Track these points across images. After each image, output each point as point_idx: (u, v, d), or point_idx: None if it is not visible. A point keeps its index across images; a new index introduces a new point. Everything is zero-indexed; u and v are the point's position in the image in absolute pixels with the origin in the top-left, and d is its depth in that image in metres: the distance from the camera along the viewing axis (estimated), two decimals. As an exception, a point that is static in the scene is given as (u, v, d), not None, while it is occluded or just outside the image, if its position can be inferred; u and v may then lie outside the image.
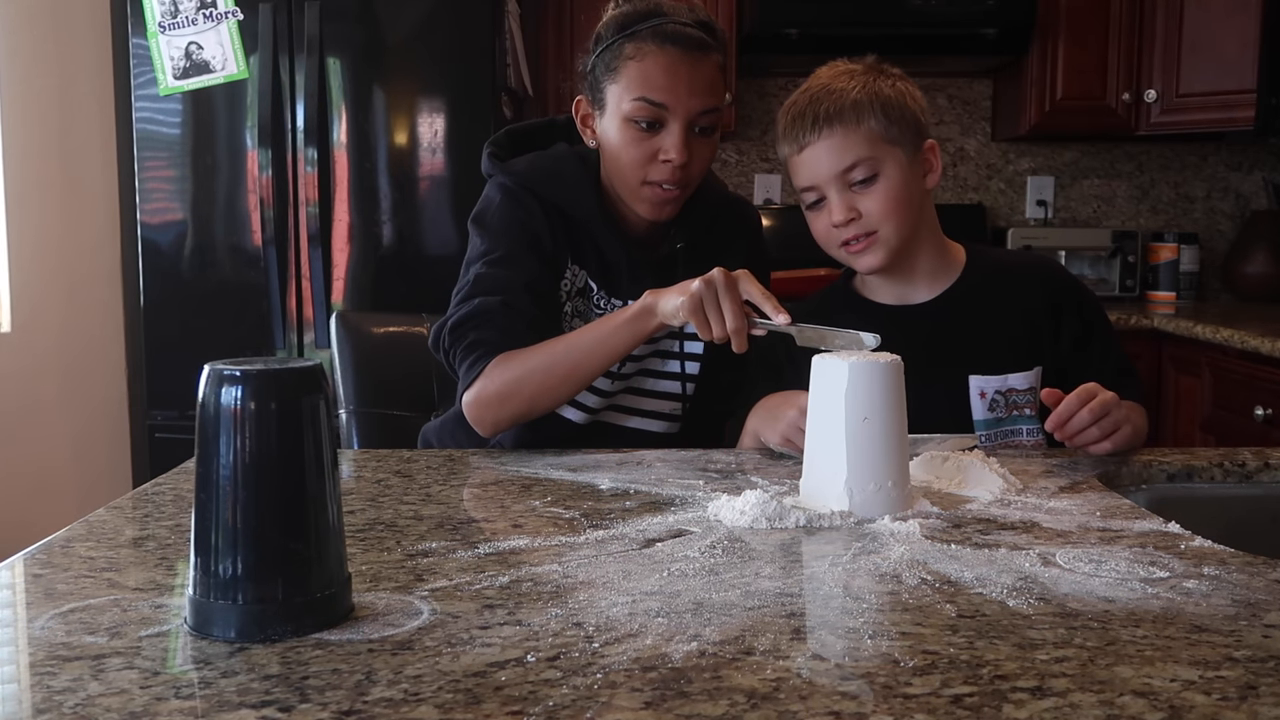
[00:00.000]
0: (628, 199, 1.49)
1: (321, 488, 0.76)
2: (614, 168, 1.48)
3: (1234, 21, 3.16)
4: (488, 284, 1.46)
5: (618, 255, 1.52)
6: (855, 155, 1.41)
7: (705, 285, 1.26)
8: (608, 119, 1.46)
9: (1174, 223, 3.72)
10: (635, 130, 1.43)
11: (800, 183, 1.46)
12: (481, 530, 1.01)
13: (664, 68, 1.42)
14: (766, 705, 0.63)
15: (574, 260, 1.52)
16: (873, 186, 1.42)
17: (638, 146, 1.44)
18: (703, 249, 1.55)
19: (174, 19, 2.91)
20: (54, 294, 3.22)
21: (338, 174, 2.97)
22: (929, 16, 3.20)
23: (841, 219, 1.42)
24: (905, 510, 1.07)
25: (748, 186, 3.69)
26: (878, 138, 1.41)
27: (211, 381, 0.74)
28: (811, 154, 1.42)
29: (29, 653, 0.72)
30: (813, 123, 1.41)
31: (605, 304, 1.52)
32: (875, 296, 1.53)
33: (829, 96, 1.42)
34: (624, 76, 1.43)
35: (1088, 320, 1.52)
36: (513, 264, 1.47)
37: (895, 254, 1.45)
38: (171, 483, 1.21)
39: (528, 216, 1.50)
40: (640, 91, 1.42)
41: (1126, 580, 0.86)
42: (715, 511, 1.05)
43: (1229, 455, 1.34)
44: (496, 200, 1.52)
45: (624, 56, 1.43)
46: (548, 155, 1.55)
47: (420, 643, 0.73)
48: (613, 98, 1.45)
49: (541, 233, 1.50)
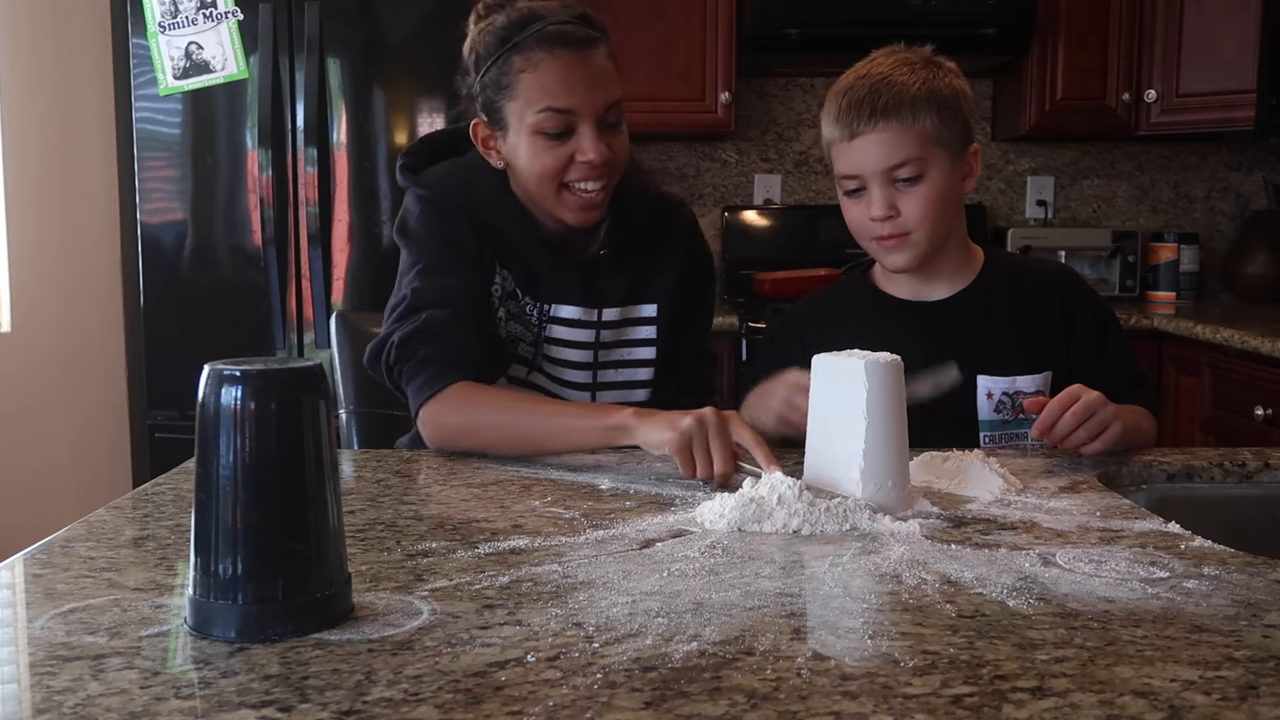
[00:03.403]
0: (551, 209, 1.45)
1: (321, 488, 0.76)
2: (530, 182, 1.43)
3: (1234, 21, 3.16)
4: (428, 296, 1.42)
5: (537, 259, 1.49)
6: (906, 153, 1.39)
7: (696, 424, 1.17)
8: (513, 137, 1.42)
9: (1174, 223, 3.72)
10: (545, 141, 1.39)
11: (843, 170, 1.44)
12: (481, 530, 1.01)
13: (560, 73, 1.38)
14: (766, 705, 0.63)
15: (501, 264, 1.48)
16: (915, 187, 1.41)
17: (551, 155, 1.39)
18: (632, 251, 1.52)
19: (174, 19, 2.90)
20: (54, 294, 3.22)
21: (338, 174, 2.97)
22: (929, 16, 3.20)
23: (881, 214, 1.41)
24: (905, 510, 1.07)
25: (748, 186, 3.69)
26: (930, 138, 1.40)
27: (211, 381, 0.74)
28: (862, 145, 1.40)
29: (29, 653, 0.72)
30: (870, 114, 1.39)
31: (532, 309, 1.49)
32: (892, 290, 1.53)
33: (889, 88, 1.39)
34: (521, 91, 1.39)
35: (1101, 330, 1.52)
36: (445, 271, 1.43)
37: (925, 257, 1.45)
38: (171, 483, 1.21)
39: (450, 223, 1.46)
40: (543, 102, 1.38)
41: (1126, 580, 0.86)
42: (699, 514, 1.05)
43: (1229, 455, 1.34)
44: (416, 211, 1.48)
45: (514, 70, 1.39)
46: (461, 163, 1.51)
47: (420, 643, 0.73)
48: (514, 114, 1.40)
49: (466, 238, 1.46)
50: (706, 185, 3.69)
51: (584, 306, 1.50)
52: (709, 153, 3.68)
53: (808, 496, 1.03)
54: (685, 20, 3.28)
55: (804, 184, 3.70)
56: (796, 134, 3.68)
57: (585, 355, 1.51)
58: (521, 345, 1.49)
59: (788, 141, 3.69)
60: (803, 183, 3.70)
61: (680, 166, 3.68)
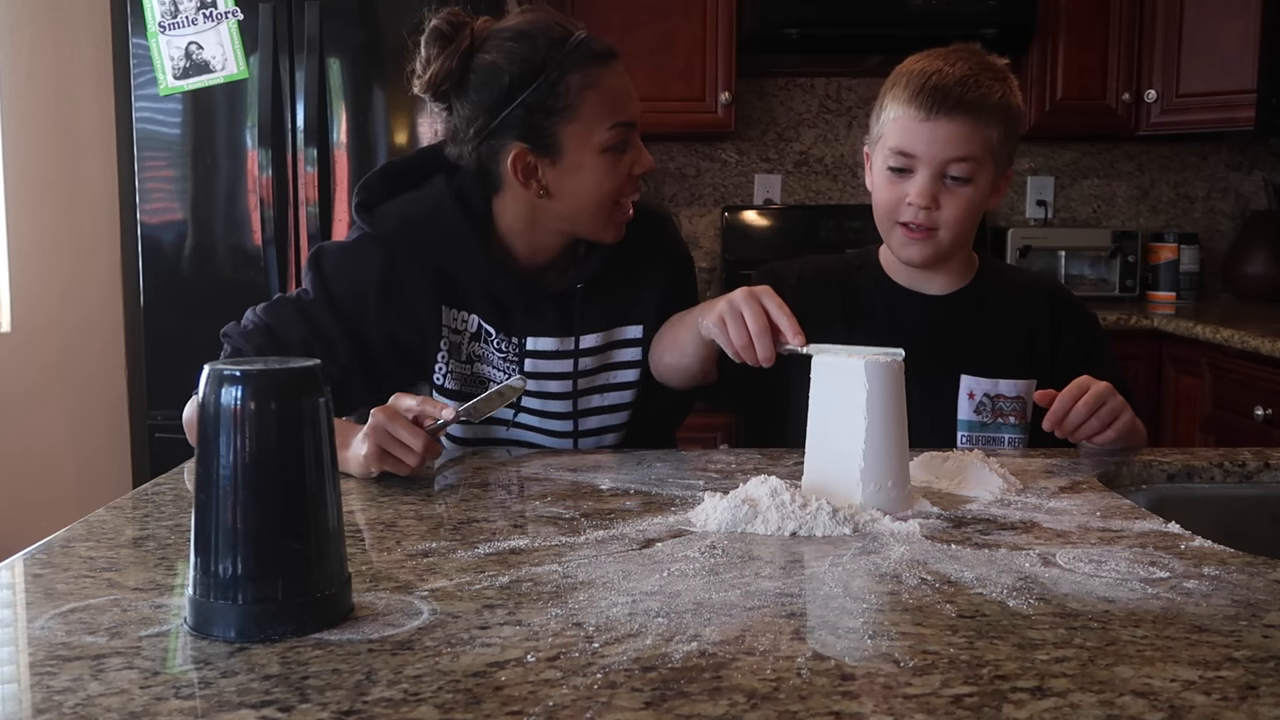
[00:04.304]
0: (595, 232, 1.41)
1: (321, 488, 0.76)
2: (588, 204, 1.38)
3: (1234, 22, 3.16)
4: (278, 314, 1.41)
5: (509, 295, 1.43)
6: (968, 151, 1.39)
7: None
8: (571, 159, 1.35)
9: (1174, 223, 3.72)
10: (613, 158, 1.36)
11: (901, 145, 1.41)
12: (481, 530, 1.01)
13: (619, 85, 1.36)
14: (766, 705, 0.63)
15: (457, 307, 1.43)
16: (961, 188, 1.41)
17: (616, 173, 1.36)
18: (612, 275, 1.47)
19: (174, 19, 2.90)
20: (54, 294, 3.22)
21: (338, 174, 2.97)
22: (929, 16, 3.20)
23: (922, 203, 1.40)
24: (905, 510, 1.07)
25: (748, 186, 3.69)
26: (990, 147, 1.40)
27: (211, 381, 0.74)
28: (932, 128, 1.39)
29: (29, 653, 0.72)
30: (954, 103, 1.38)
31: (505, 344, 1.44)
32: (893, 274, 1.53)
33: (976, 86, 1.39)
34: (586, 110, 1.33)
35: (1089, 343, 1.54)
36: (314, 316, 1.40)
37: (941, 257, 1.46)
38: (171, 483, 1.21)
39: (367, 281, 1.40)
40: (614, 118, 1.34)
41: (1126, 580, 0.86)
42: (693, 515, 1.05)
43: (1229, 455, 1.34)
44: (338, 255, 1.43)
45: (573, 90, 1.32)
46: (422, 200, 1.42)
47: (420, 643, 0.73)
48: (574, 136, 1.34)
49: (369, 298, 1.40)
50: (706, 185, 3.69)
51: (559, 337, 1.45)
52: (709, 153, 3.68)
53: (800, 498, 1.03)
54: (685, 20, 3.28)
55: (804, 184, 3.70)
56: (796, 134, 3.68)
57: (564, 386, 1.46)
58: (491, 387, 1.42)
59: (788, 141, 3.69)
60: (803, 183, 3.70)
61: (680, 166, 3.68)
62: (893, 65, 1.48)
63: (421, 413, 1.21)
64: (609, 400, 1.50)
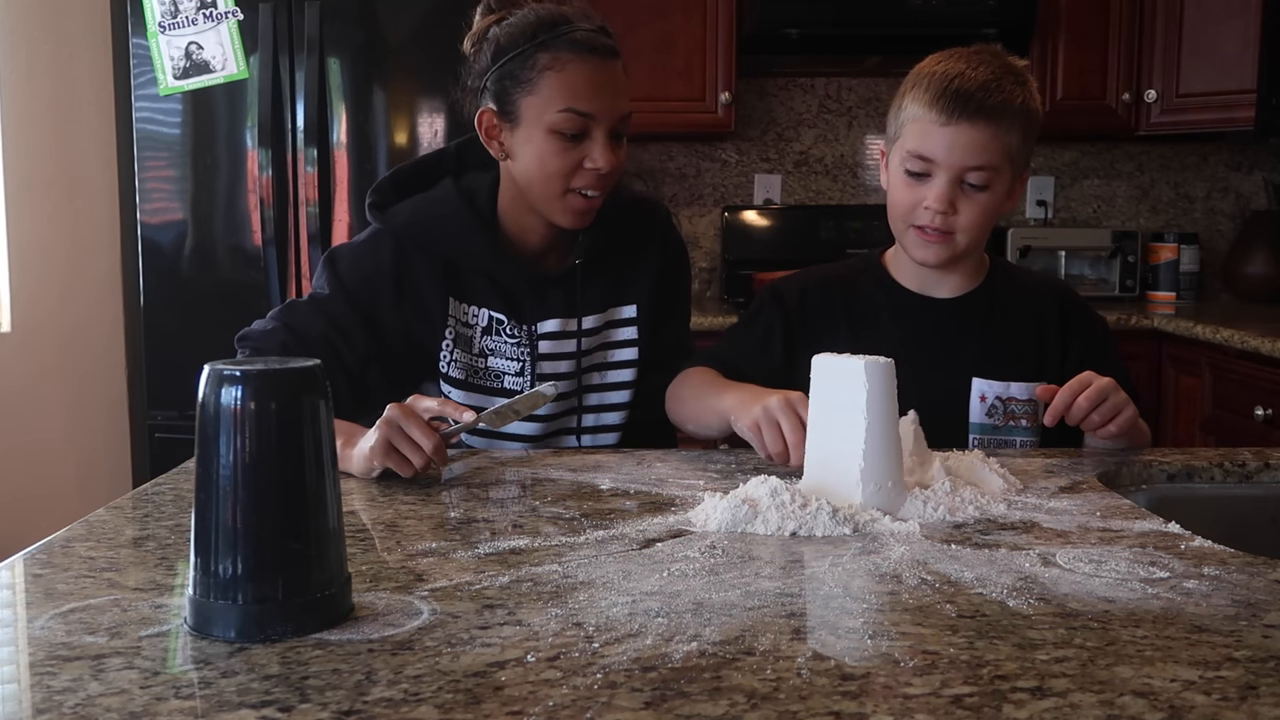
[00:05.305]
0: (546, 210, 1.45)
1: (321, 488, 0.76)
2: (534, 180, 1.43)
3: (1234, 22, 3.16)
4: (294, 313, 1.47)
5: (518, 284, 1.50)
6: (987, 159, 1.38)
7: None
8: (525, 131, 1.42)
9: (1174, 223, 3.72)
10: (560, 141, 1.40)
11: (920, 149, 1.40)
12: (481, 530, 1.01)
13: (586, 77, 1.39)
14: (766, 705, 0.63)
15: (466, 301, 1.50)
16: (979, 194, 1.40)
17: (562, 157, 1.41)
18: (609, 256, 1.54)
19: (174, 19, 2.90)
20: (54, 294, 3.22)
21: (338, 174, 2.96)
22: (929, 16, 3.20)
23: (940, 208, 1.39)
24: (905, 507, 1.07)
25: (748, 186, 3.69)
26: (1009, 153, 1.39)
27: (211, 381, 0.74)
28: (953, 133, 1.37)
29: (29, 653, 0.72)
30: (976, 108, 1.36)
31: (517, 331, 1.50)
32: (900, 279, 1.53)
33: (999, 91, 1.37)
34: (544, 88, 1.39)
35: (1097, 343, 1.53)
36: (330, 310, 1.46)
37: (956, 260, 1.46)
38: (171, 483, 1.21)
39: (380, 271, 1.47)
40: (566, 102, 1.39)
41: (1126, 580, 0.86)
42: (694, 515, 1.05)
43: (1229, 455, 1.34)
44: (351, 251, 1.50)
45: (539, 67, 1.39)
46: (431, 200, 1.51)
47: (420, 643, 0.73)
48: (530, 109, 1.41)
49: (382, 287, 1.47)
50: (706, 185, 3.69)
51: (564, 318, 1.52)
52: (709, 153, 3.68)
53: (800, 498, 1.03)
54: (685, 20, 3.28)
55: (804, 184, 3.70)
56: (796, 134, 3.68)
57: (570, 366, 1.53)
58: (507, 378, 1.50)
59: (788, 141, 3.69)
60: (803, 183, 3.70)
61: (680, 166, 3.68)
62: (892, 65, 1.48)
63: (441, 415, 1.23)
64: (608, 379, 1.56)
